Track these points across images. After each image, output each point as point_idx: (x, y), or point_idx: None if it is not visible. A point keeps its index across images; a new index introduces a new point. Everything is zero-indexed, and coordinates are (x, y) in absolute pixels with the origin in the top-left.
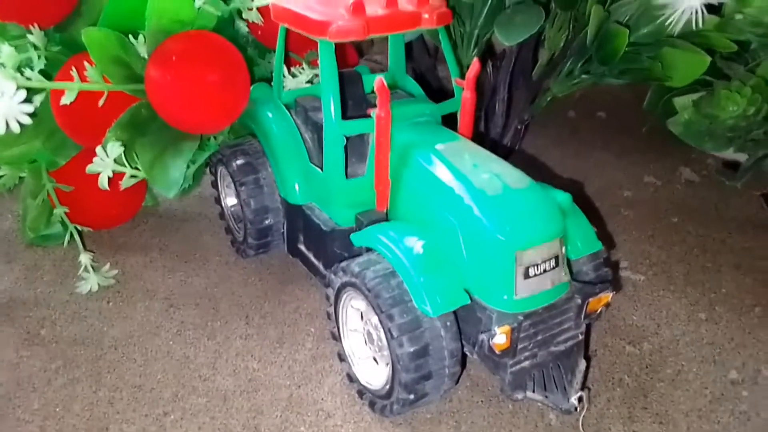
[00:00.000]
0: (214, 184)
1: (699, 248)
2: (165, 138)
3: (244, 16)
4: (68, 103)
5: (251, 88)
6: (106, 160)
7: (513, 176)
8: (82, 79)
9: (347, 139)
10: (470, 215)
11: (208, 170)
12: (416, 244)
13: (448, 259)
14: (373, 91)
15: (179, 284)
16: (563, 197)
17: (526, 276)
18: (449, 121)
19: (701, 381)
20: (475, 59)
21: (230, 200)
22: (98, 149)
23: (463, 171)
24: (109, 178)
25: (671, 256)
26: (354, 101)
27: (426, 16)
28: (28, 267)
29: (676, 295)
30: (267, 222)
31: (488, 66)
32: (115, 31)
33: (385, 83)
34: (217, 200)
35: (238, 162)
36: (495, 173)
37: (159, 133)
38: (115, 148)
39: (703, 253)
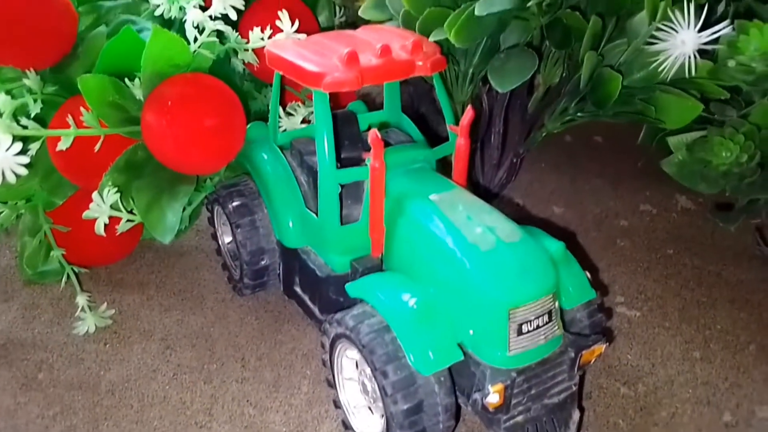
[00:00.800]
0: (211, 221)
1: (694, 281)
2: (161, 180)
3: (239, 56)
4: (65, 148)
5: (247, 127)
6: (102, 207)
7: (506, 229)
8: (78, 124)
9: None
10: (463, 271)
11: (204, 207)
12: (410, 299)
13: (441, 314)
14: (369, 128)
15: (176, 323)
16: (556, 246)
17: (519, 332)
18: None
19: (696, 424)
20: (469, 107)
21: (227, 237)
22: (95, 195)
23: (457, 224)
24: (105, 224)
25: (666, 290)
26: (350, 141)
27: (420, 63)
28: (26, 306)
29: (671, 333)
30: (263, 263)
31: (483, 96)
32: (110, 76)
33: (379, 134)
34: (214, 236)
35: (234, 203)
36: (488, 226)
37: (155, 175)
38: (111, 195)
39: (698, 286)
